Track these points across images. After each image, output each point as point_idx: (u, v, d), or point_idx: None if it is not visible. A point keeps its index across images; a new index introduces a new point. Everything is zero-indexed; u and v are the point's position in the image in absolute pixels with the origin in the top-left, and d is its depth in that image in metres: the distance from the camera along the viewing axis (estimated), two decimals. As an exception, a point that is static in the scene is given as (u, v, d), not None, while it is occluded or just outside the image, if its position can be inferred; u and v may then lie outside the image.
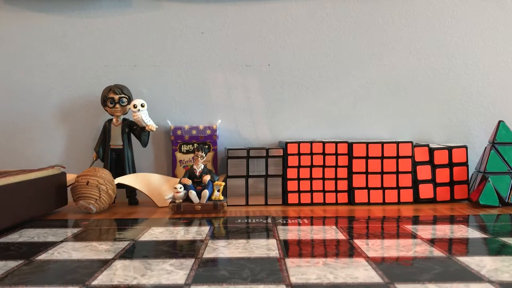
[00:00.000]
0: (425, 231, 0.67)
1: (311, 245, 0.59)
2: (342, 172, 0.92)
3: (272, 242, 0.61)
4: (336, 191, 0.92)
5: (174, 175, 0.99)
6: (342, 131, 1.04)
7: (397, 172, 0.91)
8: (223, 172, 1.00)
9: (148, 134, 0.96)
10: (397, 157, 0.91)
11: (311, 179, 0.92)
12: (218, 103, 1.04)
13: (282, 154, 0.92)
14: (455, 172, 0.92)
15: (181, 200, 0.84)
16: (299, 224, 0.73)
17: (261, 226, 0.71)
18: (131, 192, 0.96)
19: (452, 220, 0.75)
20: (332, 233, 0.66)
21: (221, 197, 0.85)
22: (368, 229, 0.69)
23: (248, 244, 0.60)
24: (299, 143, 0.92)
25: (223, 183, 0.85)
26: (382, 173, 0.91)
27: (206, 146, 0.98)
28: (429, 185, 0.92)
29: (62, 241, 0.63)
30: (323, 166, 0.92)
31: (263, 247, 0.58)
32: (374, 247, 0.58)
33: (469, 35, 1.04)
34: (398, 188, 0.91)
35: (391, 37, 1.04)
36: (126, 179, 0.92)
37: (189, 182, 0.84)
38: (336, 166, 0.92)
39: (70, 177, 0.92)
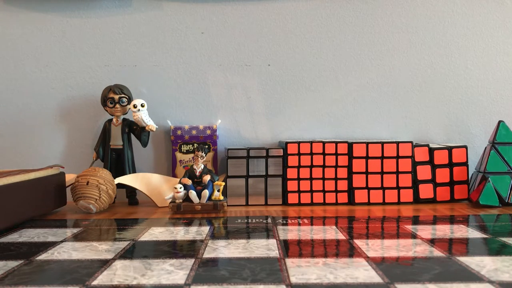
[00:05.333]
0: (425, 231, 0.67)
1: (311, 245, 0.59)
2: (342, 172, 0.92)
3: (272, 242, 0.61)
4: (336, 191, 0.92)
5: (174, 175, 0.99)
6: (342, 131, 1.04)
7: (397, 172, 0.91)
8: (223, 172, 1.00)
9: (148, 134, 0.96)
10: (397, 157, 0.91)
11: (311, 179, 0.92)
12: (218, 103, 1.04)
13: (282, 154, 0.92)
14: (455, 172, 0.92)
15: (181, 200, 0.84)
16: (299, 224, 0.73)
17: (261, 226, 0.71)
18: (131, 192, 0.96)
19: (452, 220, 0.75)
20: (332, 233, 0.66)
21: (221, 197, 0.85)
22: (368, 229, 0.69)
23: (248, 244, 0.60)
24: (299, 143, 0.92)
25: (223, 183, 0.85)
26: (382, 173, 0.91)
27: (206, 146, 0.98)
28: (429, 185, 0.92)
29: (62, 241, 0.63)
30: (323, 166, 0.92)
31: (263, 247, 0.58)
32: (374, 247, 0.58)
33: (469, 35, 1.04)
34: (398, 188, 0.91)
35: (391, 37, 1.04)
36: (126, 179, 0.92)
37: (189, 182, 0.84)
38: (336, 166, 0.92)
39: (70, 177, 0.92)
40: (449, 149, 0.92)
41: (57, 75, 1.04)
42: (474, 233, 0.65)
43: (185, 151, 0.99)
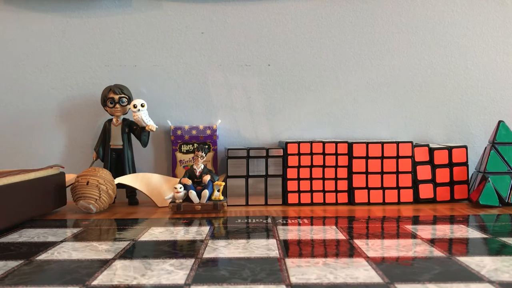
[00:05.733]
0: (425, 231, 0.67)
1: (311, 245, 0.59)
2: (342, 172, 0.92)
3: (272, 242, 0.61)
4: (336, 191, 0.92)
5: (174, 175, 0.99)
6: (342, 131, 1.04)
7: (397, 172, 0.91)
8: (223, 172, 1.00)
9: (148, 134, 0.96)
10: (397, 157, 0.91)
11: (311, 179, 0.92)
12: (218, 103, 1.04)
13: (282, 154, 0.92)
14: (455, 172, 0.92)
15: (181, 200, 0.84)
16: (299, 224, 0.73)
17: (261, 226, 0.71)
18: (131, 192, 0.96)
19: (452, 220, 0.75)
20: (332, 233, 0.66)
21: (221, 197, 0.85)
22: (368, 229, 0.69)
23: (248, 244, 0.60)
24: (299, 143, 0.92)
25: (223, 183, 0.85)
26: (382, 173, 0.91)
27: (206, 146, 0.98)
28: (429, 185, 0.92)
29: (62, 241, 0.63)
30: (323, 166, 0.92)
31: (263, 247, 0.58)
32: (374, 247, 0.58)
33: (469, 35, 1.04)
34: (398, 188, 0.91)
35: (391, 37, 1.04)
36: (126, 179, 0.92)
37: (189, 182, 0.84)
38: (336, 166, 0.92)
39: (70, 177, 0.92)
40: (449, 149, 0.92)
41: (57, 75, 1.04)
42: (474, 233, 0.65)
43: (185, 151, 0.99)
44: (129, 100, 0.96)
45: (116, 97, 0.95)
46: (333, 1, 1.03)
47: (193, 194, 0.83)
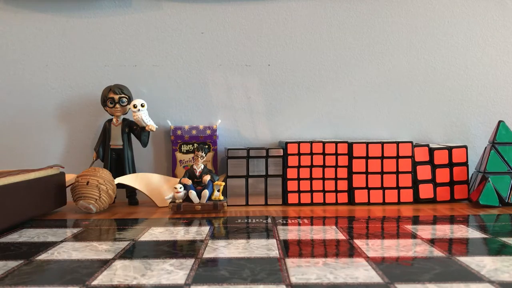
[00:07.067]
0: (425, 231, 0.67)
1: (311, 245, 0.59)
2: (342, 172, 0.92)
3: (272, 242, 0.61)
4: (336, 191, 0.92)
5: (174, 175, 0.99)
6: (342, 131, 1.04)
7: (397, 172, 0.91)
8: (223, 172, 1.00)
9: (148, 134, 0.96)
10: (397, 157, 0.91)
11: (311, 179, 0.92)
12: (218, 103, 1.04)
13: (282, 154, 0.92)
14: (455, 172, 0.92)
15: (181, 200, 0.84)
16: (299, 224, 0.73)
17: (261, 226, 0.71)
18: (131, 192, 0.96)
19: (452, 220, 0.75)
20: (332, 233, 0.66)
21: (221, 197, 0.85)
22: (368, 229, 0.69)
23: (248, 244, 0.60)
24: (299, 143, 0.92)
25: (223, 183, 0.85)
26: (382, 173, 0.91)
27: (206, 146, 0.98)
28: (429, 185, 0.92)
29: (62, 241, 0.63)
30: (323, 166, 0.92)
31: (263, 247, 0.58)
32: (374, 247, 0.58)
33: (469, 35, 1.04)
34: (398, 188, 0.91)
35: (391, 37, 1.04)
36: (126, 179, 0.92)
37: (189, 182, 0.84)
38: (336, 166, 0.92)
39: (70, 177, 0.92)
40: (449, 149, 0.92)
41: (57, 75, 1.04)
42: (474, 233, 0.65)
43: (185, 151, 0.99)
44: (129, 100, 0.96)
45: (116, 97, 0.95)
46: (333, 1, 1.03)
47: (193, 194, 0.83)
